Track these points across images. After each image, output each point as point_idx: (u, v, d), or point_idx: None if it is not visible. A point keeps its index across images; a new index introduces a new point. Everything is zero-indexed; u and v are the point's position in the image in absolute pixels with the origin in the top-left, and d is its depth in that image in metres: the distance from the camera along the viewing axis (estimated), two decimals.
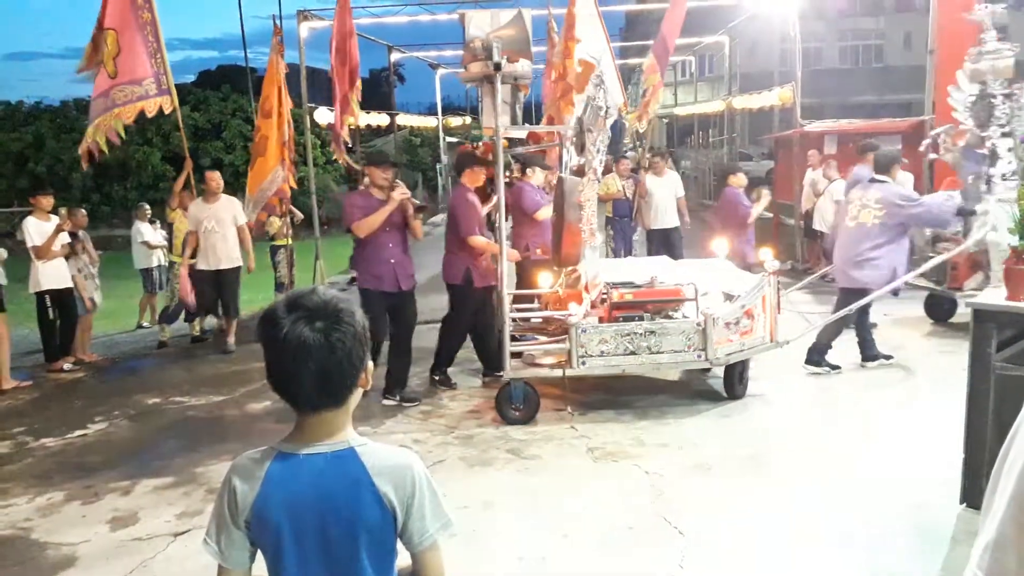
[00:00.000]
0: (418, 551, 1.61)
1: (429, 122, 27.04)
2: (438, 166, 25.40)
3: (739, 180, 8.57)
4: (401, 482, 1.56)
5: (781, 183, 13.29)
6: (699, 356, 5.24)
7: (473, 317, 6.26)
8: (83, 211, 8.68)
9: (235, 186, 25.14)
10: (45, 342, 7.59)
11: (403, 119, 24.50)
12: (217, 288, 7.98)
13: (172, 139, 23.89)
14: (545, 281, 6.18)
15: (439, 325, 6.51)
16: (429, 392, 6.22)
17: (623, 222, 10.49)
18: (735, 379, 5.64)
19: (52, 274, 7.28)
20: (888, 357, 6.31)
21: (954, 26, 10.10)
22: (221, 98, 24.73)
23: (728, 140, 21.84)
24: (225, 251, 7.91)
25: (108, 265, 10.27)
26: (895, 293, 6.33)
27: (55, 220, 7.35)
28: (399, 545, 1.61)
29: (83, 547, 3.89)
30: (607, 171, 9.52)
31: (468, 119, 32.84)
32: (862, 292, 6.01)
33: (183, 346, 8.46)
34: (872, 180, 6.23)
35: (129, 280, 10.29)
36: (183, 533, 3.95)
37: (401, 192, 5.82)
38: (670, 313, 5.44)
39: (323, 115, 19.34)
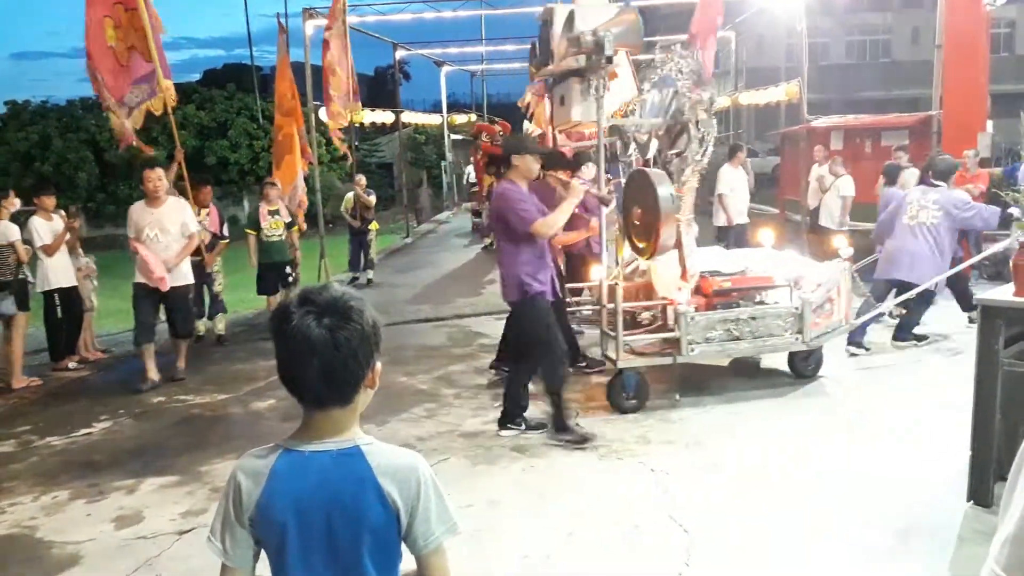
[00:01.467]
0: (423, 554, 1.59)
1: (434, 120, 27.04)
2: (443, 163, 25.39)
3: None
4: (406, 483, 1.55)
5: (787, 179, 13.24)
6: (796, 339, 5.54)
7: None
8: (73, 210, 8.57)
9: (240, 184, 25.37)
10: (51, 341, 7.60)
11: (408, 117, 24.49)
12: (162, 308, 6.90)
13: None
14: (597, 274, 6.09)
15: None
16: (435, 390, 6.20)
17: None
18: (804, 361, 5.93)
19: (61, 272, 7.28)
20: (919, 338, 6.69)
21: (961, 21, 10.06)
22: (227, 97, 24.80)
23: (734, 136, 21.78)
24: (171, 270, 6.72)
25: (113, 264, 10.31)
26: (933, 294, 6.56)
27: (57, 219, 7.35)
28: (403, 548, 1.60)
29: (88, 546, 3.89)
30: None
31: (473, 116, 32.83)
32: (908, 286, 6.33)
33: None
34: (931, 184, 6.62)
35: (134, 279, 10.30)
36: (188, 531, 3.95)
37: (582, 183, 5.24)
38: (761, 299, 5.78)
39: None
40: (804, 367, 5.94)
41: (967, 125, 9.74)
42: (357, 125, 11.31)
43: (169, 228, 6.67)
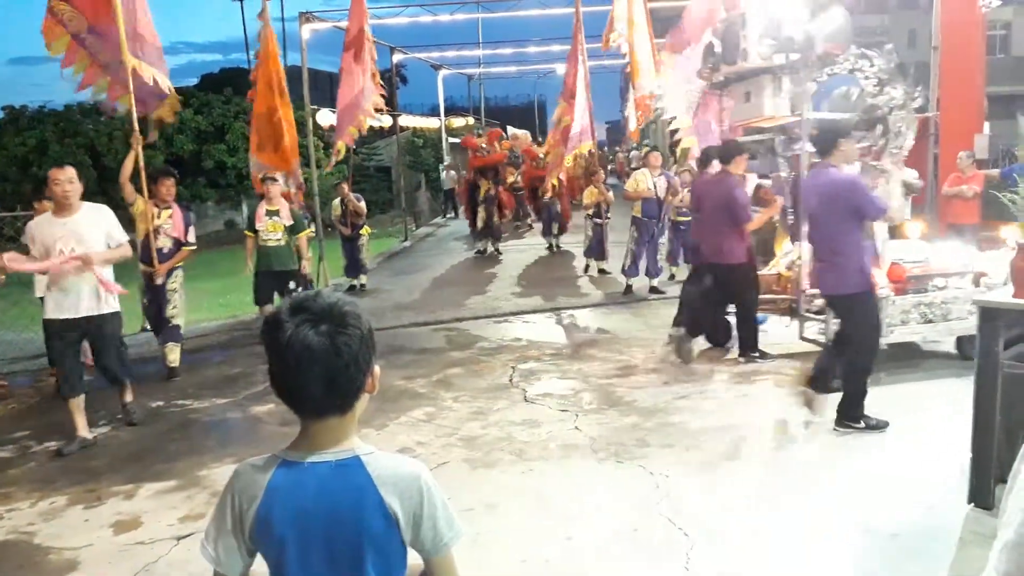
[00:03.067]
0: (432, 558, 1.59)
1: (431, 123, 27.06)
2: (440, 166, 25.40)
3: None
4: (408, 492, 1.54)
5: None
6: None
7: (719, 292, 6.64)
8: None
9: (239, 188, 25.34)
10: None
11: (406, 120, 24.51)
12: (86, 345, 5.59)
13: (175, 142, 23.94)
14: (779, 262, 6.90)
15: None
16: (433, 394, 6.20)
17: (650, 224, 9.76)
18: (970, 343, 5.95)
19: None
20: None
21: (957, 23, 10.09)
22: (224, 101, 24.78)
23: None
24: (90, 289, 5.27)
25: (113, 267, 10.27)
26: None
27: None
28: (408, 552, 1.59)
29: (85, 551, 3.88)
30: (628, 167, 9.70)
31: (471, 119, 32.83)
32: None
33: (185, 349, 8.43)
34: None
35: (133, 283, 10.28)
36: (186, 537, 3.93)
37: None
38: (943, 285, 6.09)
39: (325, 117, 19.39)
40: (970, 349, 5.92)
41: (964, 126, 9.77)
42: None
43: (89, 242, 5.20)
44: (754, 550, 3.51)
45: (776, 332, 7.05)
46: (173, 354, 7.20)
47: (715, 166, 7.05)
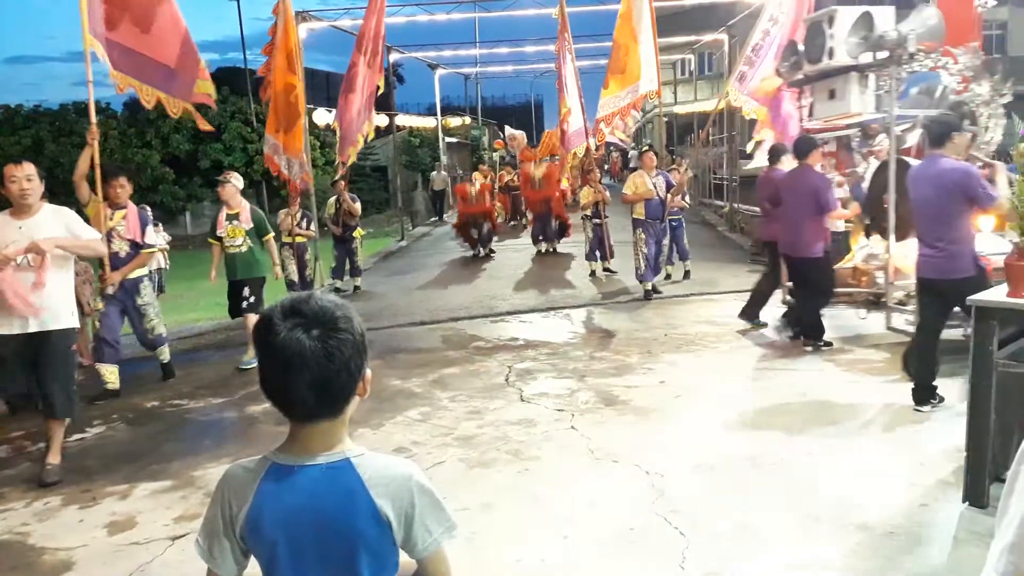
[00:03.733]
0: (423, 557, 1.59)
1: (428, 122, 27.06)
2: (436, 165, 25.40)
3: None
4: (399, 493, 1.53)
5: None
6: None
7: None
8: None
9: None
10: None
11: (402, 120, 24.49)
12: (34, 365, 4.70)
13: (171, 142, 23.92)
14: (858, 258, 7.27)
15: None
16: (429, 393, 6.19)
17: (655, 225, 9.53)
18: None
19: None
20: None
21: (954, 23, 10.08)
22: (220, 100, 24.73)
23: (728, 138, 21.79)
24: (42, 299, 4.59)
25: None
26: None
27: None
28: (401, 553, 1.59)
29: (80, 551, 3.86)
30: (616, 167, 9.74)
31: (467, 119, 32.83)
32: None
33: (181, 348, 8.44)
34: None
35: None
36: (181, 537, 3.92)
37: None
38: None
39: (322, 116, 19.39)
40: None
41: None
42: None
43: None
44: (749, 549, 3.51)
45: (855, 324, 7.35)
46: (163, 355, 7.09)
47: (784, 162, 7.42)
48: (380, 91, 10.15)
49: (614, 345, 7.43)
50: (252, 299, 7.36)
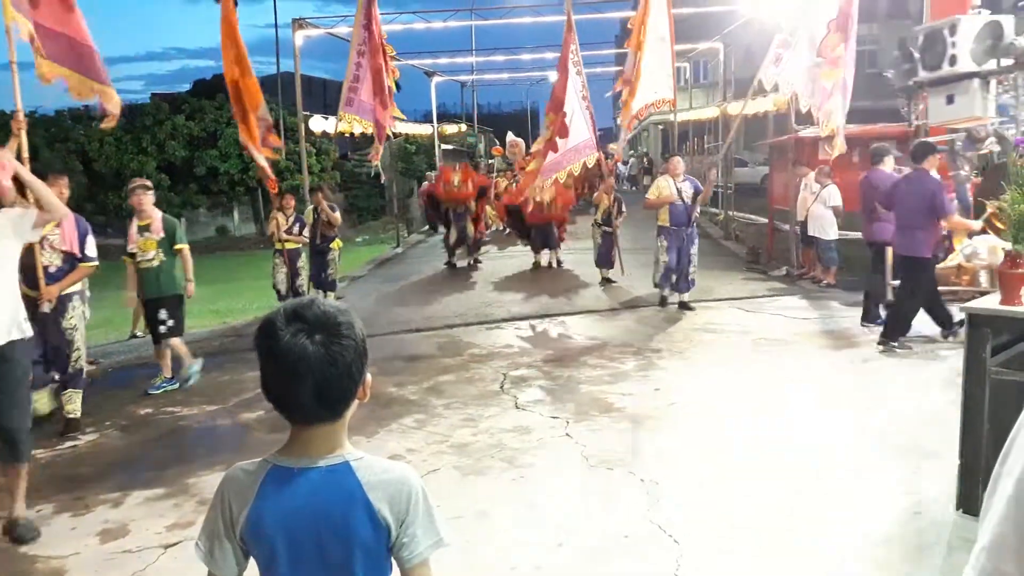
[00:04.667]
0: (407, 567, 1.59)
1: (424, 130, 27.09)
2: (427, 175, 25.42)
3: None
4: (396, 497, 1.54)
5: (776, 189, 13.30)
6: None
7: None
8: None
9: (231, 194, 25.29)
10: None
11: (398, 126, 24.52)
12: None
13: (167, 148, 23.90)
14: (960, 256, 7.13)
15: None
16: (424, 400, 6.19)
17: (680, 231, 9.19)
18: None
19: None
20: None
21: None
22: (216, 107, 24.78)
23: (723, 145, 21.88)
24: None
25: (104, 274, 10.22)
26: None
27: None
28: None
29: (72, 560, 3.85)
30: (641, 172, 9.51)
31: (463, 126, 32.87)
32: None
33: (175, 356, 8.40)
34: None
35: (123, 289, 10.22)
36: (174, 545, 3.91)
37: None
38: None
39: (318, 123, 19.40)
40: None
41: None
42: (347, 136, 11.01)
43: None
44: (744, 557, 3.51)
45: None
46: (72, 404, 5.79)
47: (887, 163, 7.67)
48: (393, 83, 9.68)
49: (609, 352, 7.43)
50: (171, 323, 6.66)
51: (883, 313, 7.68)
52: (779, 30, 8.32)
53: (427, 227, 23.08)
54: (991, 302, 3.78)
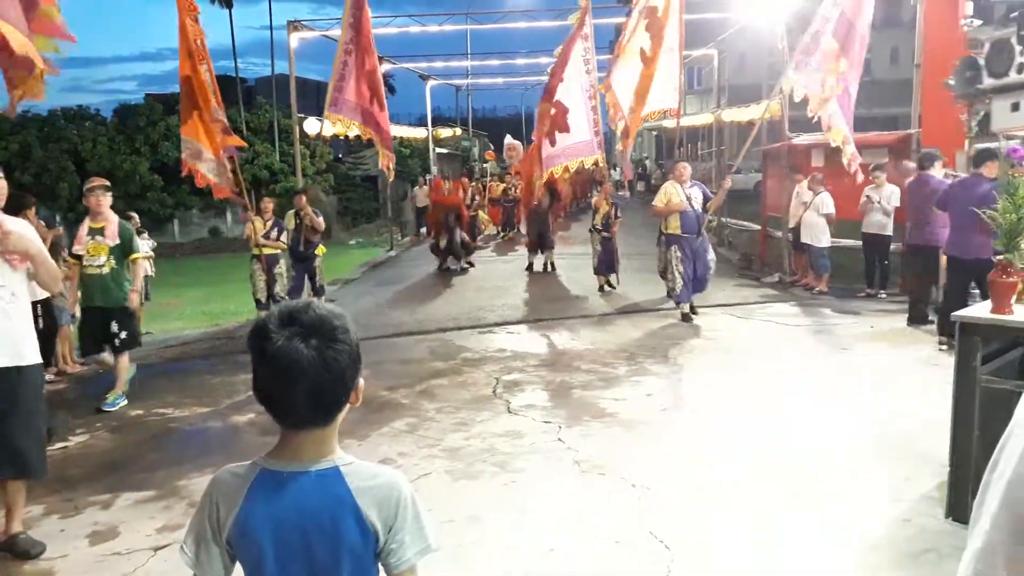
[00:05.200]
0: (395, 573, 1.59)
1: (419, 133, 27.12)
2: (419, 180, 25.43)
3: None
4: (386, 502, 1.54)
5: (769, 196, 13.34)
6: None
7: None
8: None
9: (225, 204, 25.17)
10: None
11: (393, 130, 24.52)
12: None
13: (160, 149, 23.83)
14: None
15: None
16: (416, 404, 6.18)
17: (692, 239, 8.73)
18: None
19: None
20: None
21: (939, 41, 10.22)
22: None
23: (717, 152, 21.95)
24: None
25: None
26: None
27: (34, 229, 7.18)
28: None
29: (61, 562, 3.82)
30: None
31: (458, 130, 32.91)
32: None
33: (167, 357, 8.38)
34: None
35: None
36: (163, 547, 3.88)
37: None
38: None
39: (312, 125, 19.38)
40: None
41: (945, 144, 9.87)
42: (342, 138, 10.96)
43: None
44: (734, 564, 3.51)
45: None
46: None
47: (937, 168, 7.91)
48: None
49: (602, 357, 7.44)
50: (124, 335, 6.32)
51: (931, 315, 7.83)
52: (775, 37, 8.33)
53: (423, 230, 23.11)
54: (982, 311, 3.80)
